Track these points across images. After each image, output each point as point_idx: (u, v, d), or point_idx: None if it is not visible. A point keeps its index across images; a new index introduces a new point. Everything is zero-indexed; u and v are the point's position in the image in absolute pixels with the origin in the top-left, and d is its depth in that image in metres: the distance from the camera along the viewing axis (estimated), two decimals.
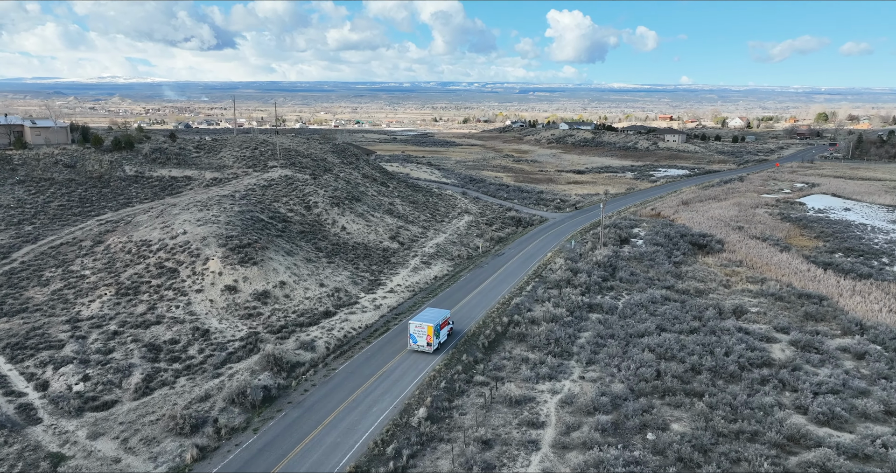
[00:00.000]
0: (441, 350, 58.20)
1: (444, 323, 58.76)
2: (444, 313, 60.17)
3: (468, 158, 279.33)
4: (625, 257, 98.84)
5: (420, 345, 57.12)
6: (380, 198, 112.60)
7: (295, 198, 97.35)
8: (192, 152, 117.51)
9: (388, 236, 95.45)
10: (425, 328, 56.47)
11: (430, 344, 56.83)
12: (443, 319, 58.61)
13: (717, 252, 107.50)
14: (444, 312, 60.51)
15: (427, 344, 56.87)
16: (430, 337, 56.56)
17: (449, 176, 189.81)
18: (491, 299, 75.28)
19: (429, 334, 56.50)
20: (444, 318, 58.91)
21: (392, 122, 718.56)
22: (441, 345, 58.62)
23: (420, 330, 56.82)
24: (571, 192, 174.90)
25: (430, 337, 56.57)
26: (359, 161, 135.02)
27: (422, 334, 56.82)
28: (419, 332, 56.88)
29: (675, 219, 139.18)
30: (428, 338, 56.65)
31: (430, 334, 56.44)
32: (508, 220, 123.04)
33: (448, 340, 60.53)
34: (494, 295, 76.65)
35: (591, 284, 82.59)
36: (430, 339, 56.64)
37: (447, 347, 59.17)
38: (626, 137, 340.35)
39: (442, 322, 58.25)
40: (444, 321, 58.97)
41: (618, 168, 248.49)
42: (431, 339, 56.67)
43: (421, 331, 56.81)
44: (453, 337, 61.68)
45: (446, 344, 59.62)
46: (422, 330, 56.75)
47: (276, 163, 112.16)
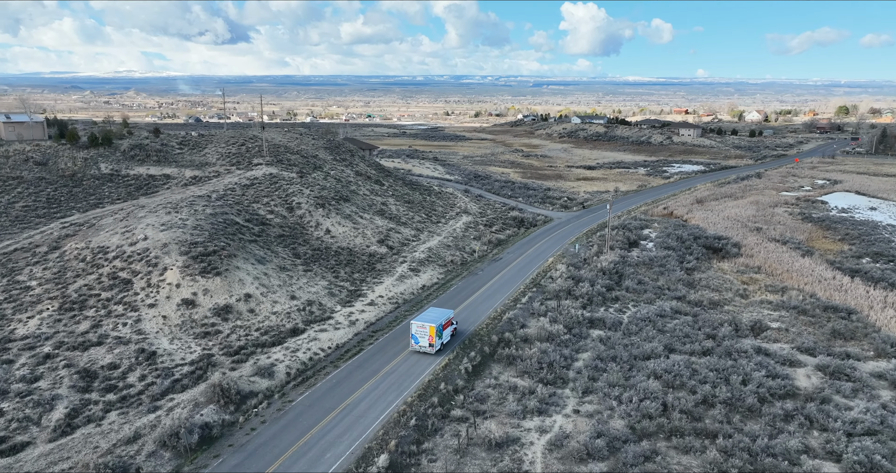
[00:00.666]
0: (444, 351, 56.55)
1: (447, 323, 57.25)
2: (448, 313, 58.34)
3: (476, 153, 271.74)
4: (632, 263, 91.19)
5: (422, 346, 55.40)
6: (372, 198, 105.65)
7: (277, 199, 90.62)
8: (174, 149, 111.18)
9: (376, 240, 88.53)
10: (427, 328, 54.70)
11: (432, 344, 55.02)
12: (446, 319, 56.96)
13: (734, 256, 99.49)
14: (447, 312, 58.54)
15: (429, 344, 55.07)
16: (432, 338, 54.71)
17: (453, 172, 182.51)
18: (481, 313, 68.14)
19: (431, 335, 54.64)
20: (447, 318, 57.26)
21: (403, 116, 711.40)
22: (444, 346, 57.19)
23: (422, 331, 55.05)
24: (580, 190, 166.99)
25: (433, 338, 54.70)
26: (353, 158, 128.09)
27: (424, 334, 55.08)
28: (421, 333, 55.19)
29: (688, 219, 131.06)
30: (430, 339, 54.82)
31: (432, 335, 54.60)
32: (510, 221, 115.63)
33: (452, 340, 59.00)
34: (486, 309, 69.50)
35: (593, 295, 75.16)
36: (433, 340, 54.79)
37: (451, 348, 57.40)
38: (640, 131, 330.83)
39: (445, 322, 56.64)
40: (448, 321, 57.52)
41: (630, 163, 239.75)
42: (434, 340, 54.82)
43: (423, 332, 55.06)
44: (457, 338, 60.06)
45: (450, 345, 57.96)
46: (424, 331, 54.96)
47: (262, 161, 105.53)
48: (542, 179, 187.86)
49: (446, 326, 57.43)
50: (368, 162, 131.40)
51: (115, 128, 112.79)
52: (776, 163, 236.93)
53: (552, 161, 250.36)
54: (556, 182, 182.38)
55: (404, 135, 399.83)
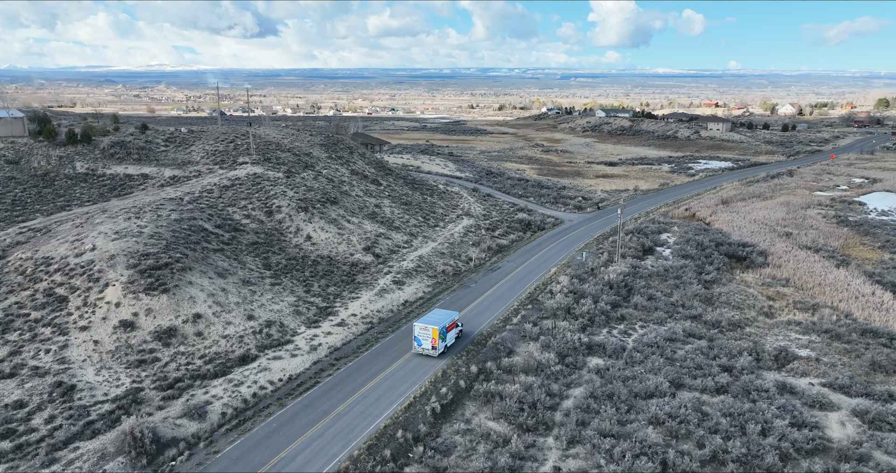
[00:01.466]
0: (448, 353, 55.16)
1: (451, 325, 55.81)
2: (453, 315, 57.03)
3: (494, 148, 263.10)
4: (644, 274, 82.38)
5: (425, 349, 54.14)
6: (365, 200, 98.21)
7: (256, 202, 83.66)
8: (159, 146, 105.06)
9: (361, 247, 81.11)
10: (430, 331, 53.38)
11: (434, 347, 53.72)
12: (450, 322, 55.61)
13: (759, 266, 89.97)
14: (452, 314, 57.15)
15: (432, 347, 53.80)
16: (435, 341, 53.45)
17: (464, 169, 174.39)
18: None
19: (434, 337, 53.37)
20: (451, 321, 55.90)
21: (427, 110, 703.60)
22: (448, 349, 55.81)
23: (425, 333, 53.76)
24: (598, 188, 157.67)
25: (436, 341, 53.44)
26: (353, 155, 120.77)
27: (427, 337, 53.78)
28: (424, 335, 53.90)
29: (711, 221, 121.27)
30: (433, 342, 53.57)
31: (434, 337, 53.33)
32: (515, 224, 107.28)
33: (457, 343, 57.51)
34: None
35: (595, 314, 66.73)
36: (436, 343, 53.52)
37: (455, 350, 56.01)
38: (666, 125, 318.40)
39: (449, 324, 55.34)
40: (452, 323, 56.09)
41: (654, 159, 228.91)
42: (437, 343, 53.53)
43: (426, 334, 53.76)
44: (463, 340, 58.51)
45: (454, 348, 56.49)
46: (426, 333, 53.68)
47: (248, 160, 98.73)
48: (558, 176, 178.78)
49: (450, 328, 55.77)
50: (369, 159, 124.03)
51: (99, 125, 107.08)
52: (810, 160, 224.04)
53: (572, 157, 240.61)
54: (573, 179, 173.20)
55: (424, 129, 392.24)
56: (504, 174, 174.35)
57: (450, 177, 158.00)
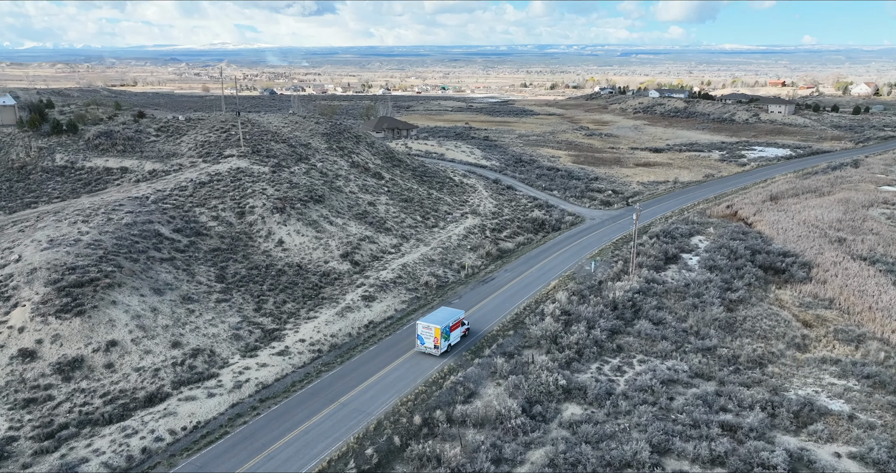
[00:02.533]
0: (451, 352, 54.67)
1: (455, 324, 55.17)
2: (458, 314, 56.37)
3: (535, 131, 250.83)
4: (659, 290, 71.75)
5: (427, 347, 53.68)
6: (358, 197, 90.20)
7: (229, 201, 76.75)
8: (150, 136, 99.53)
9: (339, 253, 73.27)
10: (432, 330, 52.89)
11: (437, 346, 53.29)
12: (454, 321, 54.92)
13: (800, 282, 77.83)
14: (457, 312, 56.53)
15: (434, 346, 53.36)
16: (437, 340, 53.04)
17: (492, 156, 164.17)
18: (424, 369, 51.85)
19: (436, 336, 52.87)
20: (455, 320, 55.19)
21: (478, 88, 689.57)
22: (452, 348, 55.21)
23: (427, 332, 53.26)
24: (634, 179, 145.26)
25: (438, 340, 53.03)
26: (359, 145, 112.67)
27: (429, 336, 53.27)
28: (426, 334, 53.40)
29: (754, 222, 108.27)
30: (435, 341, 53.13)
31: (437, 336, 52.84)
32: (527, 224, 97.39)
33: (462, 341, 56.95)
34: (431, 363, 53.08)
35: (586, 344, 57.04)
36: (438, 342, 53.09)
37: (459, 349, 55.59)
38: (723, 107, 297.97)
39: (453, 323, 54.67)
40: (457, 322, 55.44)
41: (705, 145, 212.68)
42: (439, 342, 53.08)
43: (428, 333, 53.25)
44: (469, 338, 57.96)
45: (459, 346, 55.98)
46: (429, 332, 53.17)
47: (236, 152, 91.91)
48: (595, 164, 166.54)
49: (454, 327, 55.04)
50: (377, 149, 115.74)
51: (91, 113, 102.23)
52: (881, 147, 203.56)
53: (616, 141, 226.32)
54: (609, 168, 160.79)
55: (469, 109, 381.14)
56: (535, 162, 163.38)
57: (473, 165, 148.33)
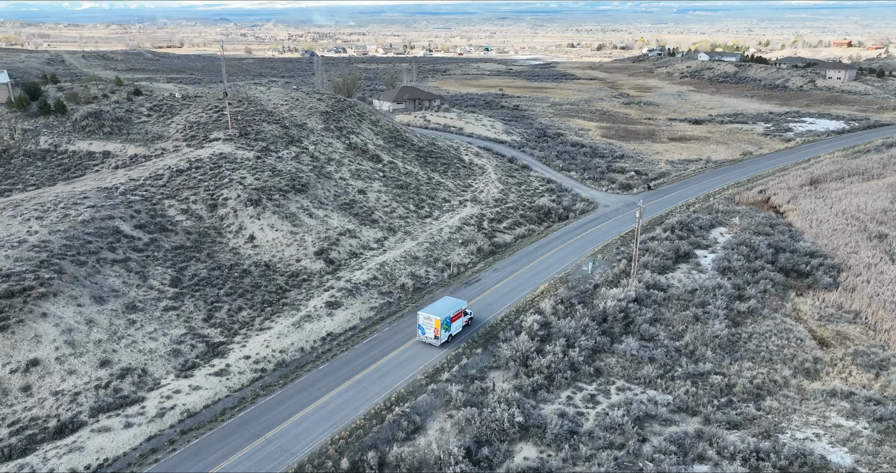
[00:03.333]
0: (451, 343, 55.00)
1: (456, 315, 55.31)
2: (461, 304, 56.52)
3: (570, 99, 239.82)
4: (659, 298, 65.00)
5: (427, 338, 54.28)
6: (349, 183, 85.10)
7: (203, 192, 72.66)
8: (140, 116, 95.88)
9: (314, 250, 68.68)
10: (433, 321, 53.32)
11: (437, 337, 53.79)
12: (455, 311, 55.05)
13: (825, 288, 69.78)
14: (460, 303, 56.60)
15: (434, 336, 53.89)
16: (437, 331, 53.48)
17: (515, 130, 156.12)
18: (371, 396, 47.22)
19: (436, 327, 53.32)
20: (457, 310, 55.29)
21: (523, 49, 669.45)
22: (453, 338, 55.52)
23: (428, 322, 53.73)
24: (664, 157, 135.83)
25: (438, 331, 53.46)
26: (361, 124, 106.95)
27: (430, 326, 53.74)
28: (427, 324, 53.86)
29: (786, 211, 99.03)
30: (435, 332, 53.60)
31: (437, 327, 53.27)
32: (531, 213, 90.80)
33: (464, 331, 57.07)
34: (381, 388, 48.38)
35: (559, 368, 51.31)
36: (438, 332, 53.54)
37: (461, 339, 55.77)
38: (777, 72, 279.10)
39: (454, 314, 54.85)
40: (458, 313, 55.53)
41: (751, 116, 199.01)
42: (439, 333, 53.55)
43: (429, 324, 53.69)
44: (471, 327, 57.95)
45: (460, 336, 56.20)
46: (430, 323, 53.61)
47: (222, 135, 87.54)
48: (625, 138, 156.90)
49: (456, 318, 55.22)
50: (381, 127, 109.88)
51: (82, 93, 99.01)
52: None
53: (655, 111, 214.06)
54: (639, 144, 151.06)
55: (508, 73, 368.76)
56: (560, 136, 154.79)
57: (492, 141, 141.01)
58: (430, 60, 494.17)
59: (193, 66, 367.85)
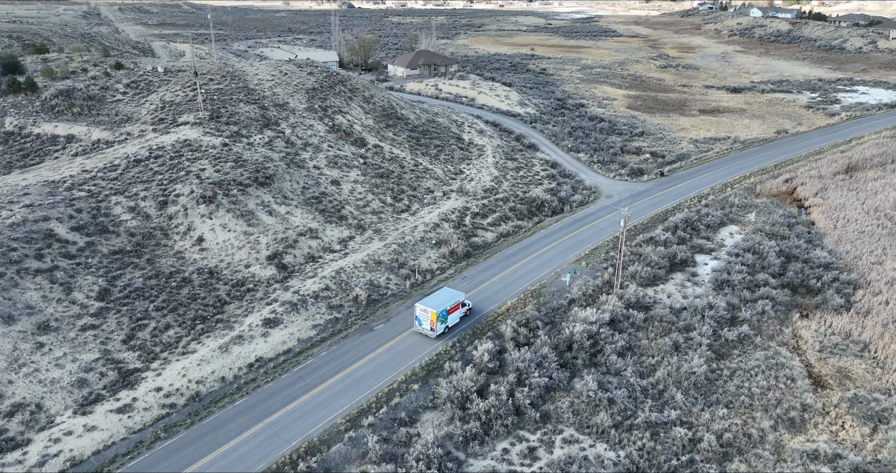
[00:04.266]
0: (447, 335, 55.28)
1: (454, 307, 55.55)
2: (459, 296, 56.51)
3: (603, 61, 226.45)
4: (638, 321, 58.13)
5: (424, 329, 54.89)
6: (323, 173, 79.24)
7: (155, 187, 67.91)
8: (116, 93, 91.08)
9: (268, 253, 63.67)
10: (429, 313, 53.82)
11: (433, 329, 54.32)
12: (452, 304, 55.29)
13: (834, 310, 61.60)
14: (457, 295, 56.54)
15: (430, 329, 54.45)
16: (433, 323, 53.98)
17: (531, 101, 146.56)
18: (281, 443, 42.55)
19: (432, 320, 53.82)
20: (454, 303, 55.52)
21: (568, 1, 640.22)
22: (449, 329, 55.87)
23: (424, 315, 54.27)
24: (688, 135, 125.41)
25: (434, 323, 53.93)
26: (352, 101, 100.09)
27: (426, 318, 54.27)
28: (424, 316, 54.41)
29: (811, 206, 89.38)
30: (431, 324, 54.14)
31: (433, 320, 53.78)
32: (521, 206, 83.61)
33: (461, 323, 57.19)
34: (302, 430, 43.59)
35: (501, 411, 45.55)
36: (434, 325, 54.03)
37: (457, 331, 55.93)
38: (835, 32, 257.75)
39: (451, 307, 55.13)
40: (455, 305, 55.71)
41: (797, 83, 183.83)
42: (435, 325, 54.02)
43: (425, 316, 54.22)
44: (469, 319, 57.87)
45: (458, 327, 56.43)
46: (426, 315, 54.11)
47: (192, 118, 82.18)
48: (651, 111, 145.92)
49: (453, 311, 55.44)
50: (374, 105, 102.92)
51: (60, 67, 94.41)
52: None
53: (693, 75, 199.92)
54: (665, 117, 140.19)
55: (545, 29, 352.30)
56: (580, 108, 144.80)
57: (503, 114, 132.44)
58: (469, 13, 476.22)
59: (224, 21, 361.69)
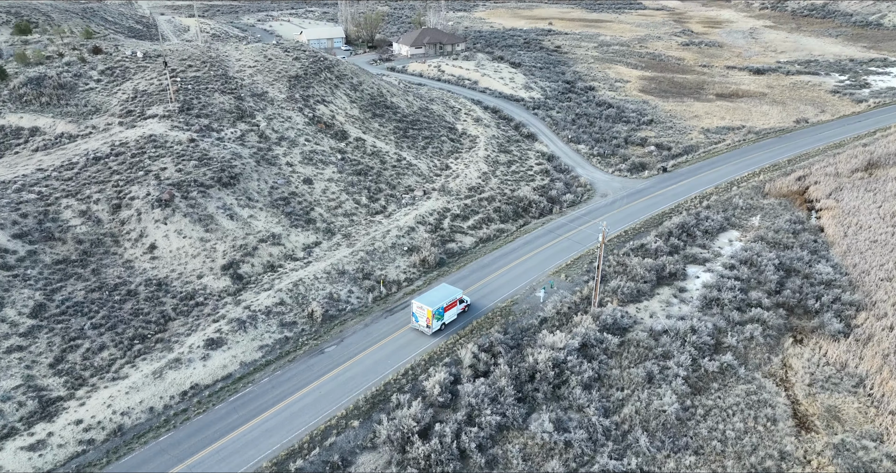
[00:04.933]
0: (444, 332, 55.08)
1: (450, 305, 55.25)
2: (456, 293, 56.28)
3: (622, 38, 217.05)
4: (612, 346, 53.57)
5: (420, 325, 54.72)
6: (296, 170, 75.10)
7: (110, 189, 64.44)
8: (90, 81, 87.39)
9: (224, 262, 60.13)
10: (425, 311, 53.57)
11: (428, 326, 54.25)
12: (449, 301, 55.04)
13: (831, 336, 56.33)
14: (455, 292, 56.40)
15: (426, 325, 54.35)
16: (429, 321, 53.92)
17: (537, 84, 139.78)
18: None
19: (428, 317, 53.75)
20: (451, 300, 55.26)
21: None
22: (446, 326, 55.57)
23: (420, 312, 54.07)
24: (700, 124, 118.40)
25: (430, 321, 53.90)
26: (337, 88, 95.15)
27: (422, 315, 54.09)
28: (420, 313, 54.20)
29: (822, 209, 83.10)
30: (427, 321, 54.07)
31: (429, 317, 53.72)
32: (507, 206, 78.71)
33: (458, 319, 56.87)
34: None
35: (443, 456, 41.67)
36: (430, 322, 53.98)
37: (455, 327, 55.72)
38: (873, 6, 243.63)
39: (448, 304, 54.85)
40: (452, 302, 55.50)
41: (826, 64, 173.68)
42: (431, 322, 53.95)
43: (421, 313, 54.05)
44: (467, 315, 57.49)
45: (455, 324, 56.18)
46: (422, 312, 53.95)
47: (161, 110, 78.32)
48: (665, 95, 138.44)
49: (449, 308, 55.18)
50: (361, 93, 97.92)
51: (35, 52, 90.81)
52: None
53: (715, 55, 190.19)
54: (679, 103, 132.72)
55: (568, 0, 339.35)
56: (589, 92, 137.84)
57: (506, 99, 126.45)
58: None
59: None
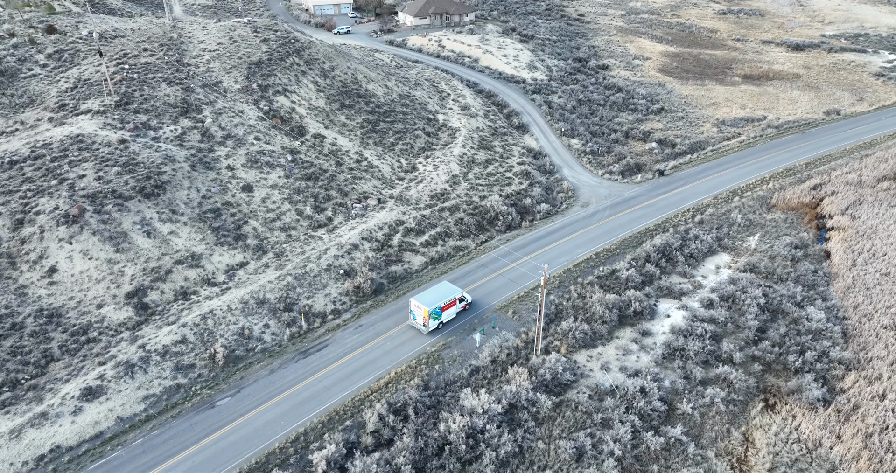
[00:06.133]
0: (441, 331, 54.03)
1: (449, 304, 54.04)
2: (455, 292, 55.06)
3: (653, 4, 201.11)
4: (545, 409, 46.32)
5: (417, 323, 53.88)
6: (236, 175, 68.21)
7: (16, 201, 58.89)
8: (34, 66, 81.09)
9: (130, 288, 54.39)
10: (421, 309, 52.54)
11: (425, 325, 53.23)
12: (447, 301, 53.82)
13: (809, 405, 47.75)
14: (454, 291, 55.19)
15: (423, 324, 53.41)
16: (425, 320, 52.87)
17: (545, 61, 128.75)
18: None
19: (424, 316, 52.69)
20: (449, 300, 54.03)
21: None
22: (444, 325, 54.61)
23: (418, 310, 53.14)
24: (715, 114, 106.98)
25: (426, 320, 52.79)
26: (305, 75, 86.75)
27: (419, 313, 53.16)
28: (417, 312, 53.34)
29: (834, 229, 72.73)
30: (423, 320, 53.05)
31: (425, 316, 52.60)
32: (470, 219, 70.42)
33: (458, 318, 55.68)
34: None
35: None
36: (426, 321, 52.92)
37: (453, 326, 54.53)
38: None
39: (446, 303, 53.63)
40: (451, 302, 54.29)
41: (877, 39, 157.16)
42: (427, 321, 52.87)
43: (419, 311, 53.13)
44: (466, 314, 56.19)
45: (454, 323, 54.95)
46: (419, 310, 53.01)
47: (97, 105, 71.97)
48: (685, 76, 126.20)
49: (447, 307, 54.15)
50: (333, 79, 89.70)
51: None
52: None
53: (754, 26, 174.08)
54: (699, 86, 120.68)
55: None
56: (600, 72, 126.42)
57: (506, 80, 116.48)
58: None
59: None
